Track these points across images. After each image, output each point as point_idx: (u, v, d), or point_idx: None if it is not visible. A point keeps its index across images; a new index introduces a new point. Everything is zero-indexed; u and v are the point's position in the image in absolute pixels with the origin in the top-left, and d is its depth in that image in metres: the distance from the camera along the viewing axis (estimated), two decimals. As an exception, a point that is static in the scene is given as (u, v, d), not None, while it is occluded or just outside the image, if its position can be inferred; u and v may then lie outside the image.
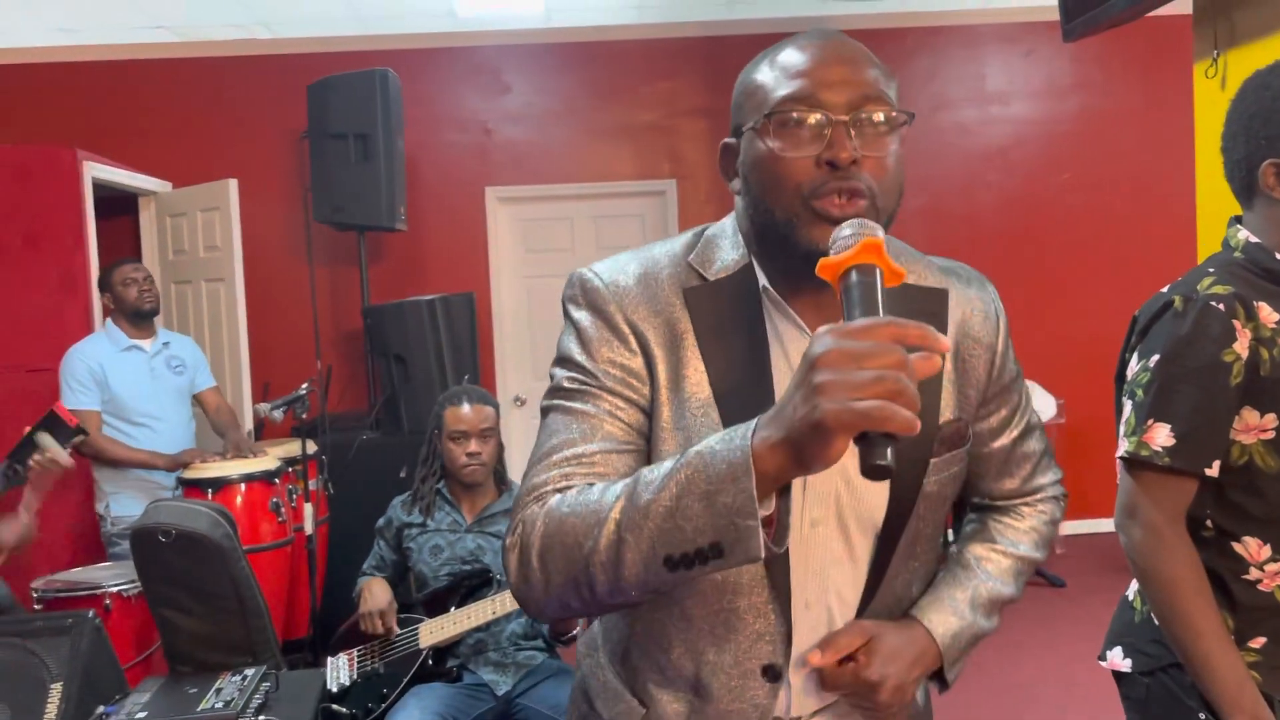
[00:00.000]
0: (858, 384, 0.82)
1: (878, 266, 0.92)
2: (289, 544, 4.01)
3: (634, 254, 1.21)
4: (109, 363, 3.91)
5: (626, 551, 0.96)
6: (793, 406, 0.87)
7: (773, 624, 1.15)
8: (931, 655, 1.20)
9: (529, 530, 1.05)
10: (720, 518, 0.91)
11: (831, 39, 1.11)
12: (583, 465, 1.09)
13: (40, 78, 5.63)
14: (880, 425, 0.82)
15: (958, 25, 5.95)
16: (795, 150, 1.07)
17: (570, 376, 1.14)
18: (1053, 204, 5.99)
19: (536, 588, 1.05)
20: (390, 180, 4.93)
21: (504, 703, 2.78)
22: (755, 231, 1.14)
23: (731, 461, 0.90)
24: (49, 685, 2.08)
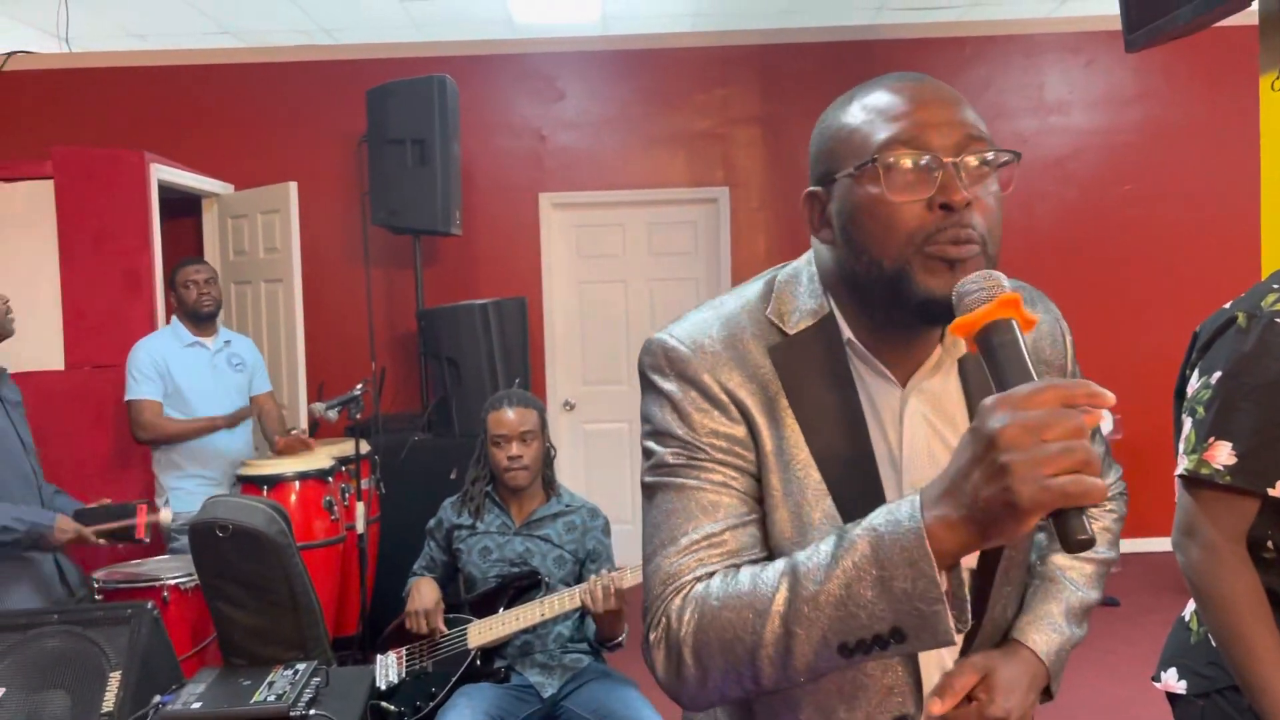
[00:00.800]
0: (1049, 459, 0.80)
1: (1015, 320, 0.90)
2: (341, 542, 4.07)
3: (711, 312, 1.16)
4: (172, 357, 4.01)
5: (796, 645, 0.95)
6: (974, 485, 0.84)
7: (901, 677, 1.13)
8: (1041, 675, 1.20)
9: (676, 626, 1.03)
10: (899, 603, 0.89)
11: (924, 81, 1.08)
12: (714, 547, 1.06)
13: (110, 81, 5.78)
14: (1078, 500, 0.81)
15: (1017, 35, 5.88)
16: (904, 195, 1.02)
17: (674, 452, 1.10)
18: (1112, 216, 5.89)
19: (691, 684, 1.03)
20: (446, 185, 4.99)
21: (550, 705, 2.80)
22: (852, 282, 1.09)
23: (905, 545, 0.88)
24: (108, 673, 2.13)
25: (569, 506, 3.04)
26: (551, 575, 2.92)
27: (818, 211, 1.12)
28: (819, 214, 1.12)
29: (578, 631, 2.94)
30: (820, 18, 5.78)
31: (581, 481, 5.74)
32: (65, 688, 2.13)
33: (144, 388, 3.93)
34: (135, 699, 2.10)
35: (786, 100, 5.85)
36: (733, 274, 5.82)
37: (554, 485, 3.09)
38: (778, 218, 5.88)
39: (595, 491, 3.52)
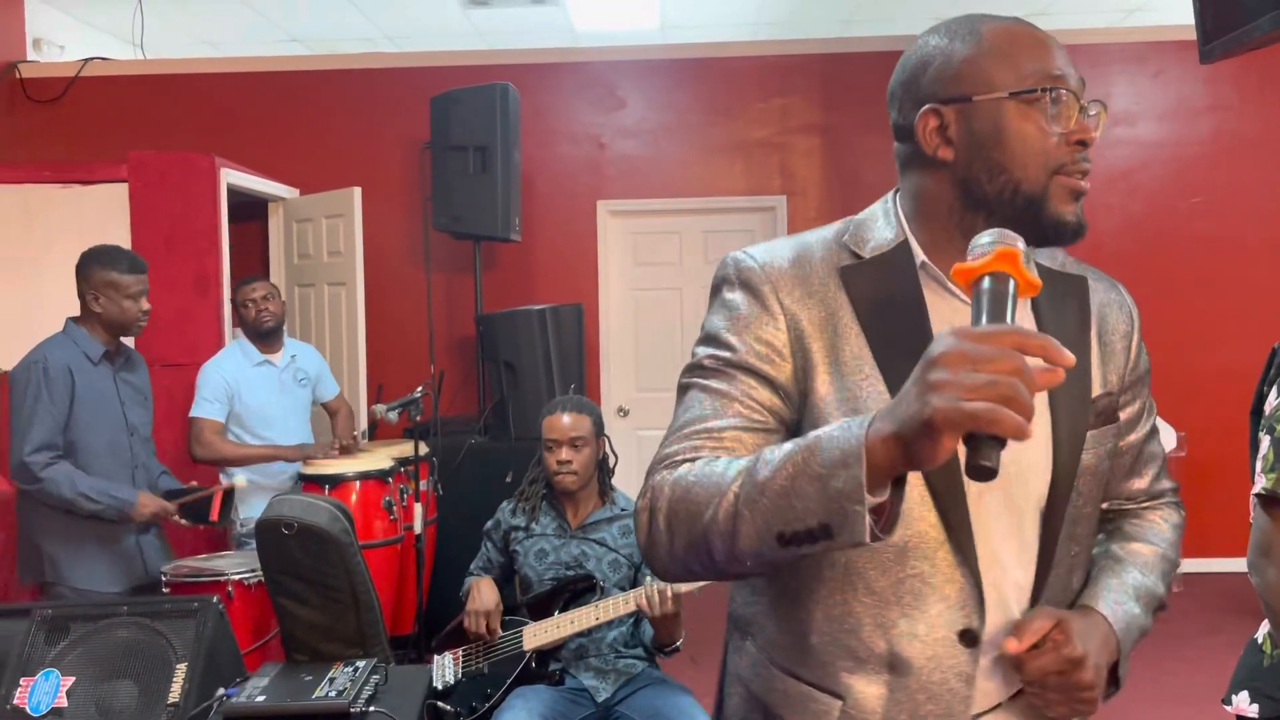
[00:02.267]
0: (971, 385, 0.84)
1: (1012, 276, 0.94)
2: (399, 542, 4.12)
3: (786, 240, 1.25)
4: (242, 378, 4.10)
5: (742, 524, 1.01)
6: (906, 402, 0.89)
7: (963, 588, 1.15)
8: (1111, 641, 1.18)
9: (658, 495, 1.11)
10: (831, 500, 0.94)
11: (1033, 25, 1.17)
12: (712, 439, 1.14)
13: (182, 87, 5.93)
14: (987, 427, 0.84)
15: (1082, 44, 5.79)
16: (1056, 126, 1.12)
17: (711, 355, 1.19)
18: (1179, 230, 5.78)
19: (661, 549, 1.11)
20: (507, 192, 5.04)
21: (604, 709, 2.81)
22: (977, 199, 1.15)
23: (845, 449, 0.93)
24: (174, 665, 2.18)
25: (625, 510, 3.06)
26: (606, 579, 2.93)
27: (935, 128, 1.16)
28: (937, 130, 1.16)
29: (632, 636, 2.95)
30: (882, 27, 5.75)
31: (634, 488, 5.73)
32: (133, 678, 2.17)
33: (208, 408, 4.02)
34: (200, 691, 2.15)
35: (846, 109, 5.82)
36: (790, 283, 5.79)
37: (610, 490, 3.11)
38: (836, 227, 5.85)
39: (649, 498, 3.51)
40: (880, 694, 1.16)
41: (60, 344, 3.25)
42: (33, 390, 3.14)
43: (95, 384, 3.27)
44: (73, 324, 3.31)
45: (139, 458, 3.40)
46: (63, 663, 2.17)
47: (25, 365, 3.19)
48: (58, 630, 2.22)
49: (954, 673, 1.15)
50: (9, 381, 3.22)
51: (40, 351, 3.21)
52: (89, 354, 3.26)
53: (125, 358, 3.43)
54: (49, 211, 4.64)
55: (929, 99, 1.16)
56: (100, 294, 3.26)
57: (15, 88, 5.82)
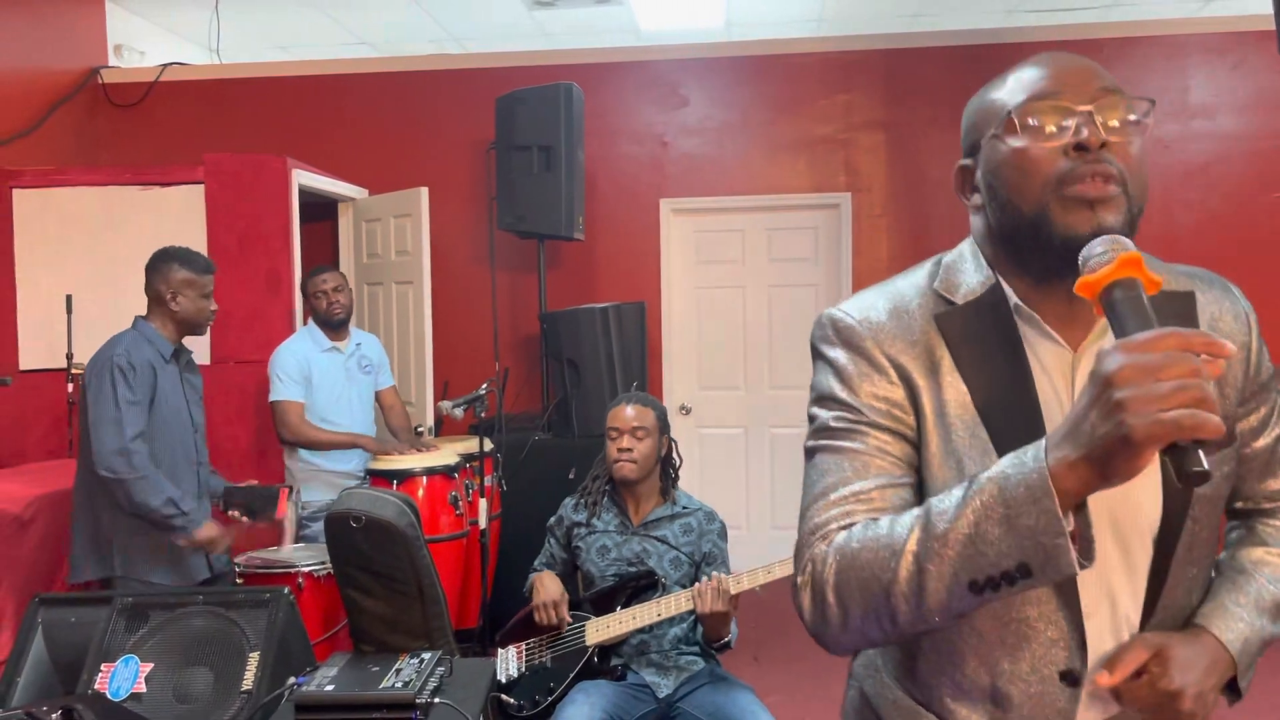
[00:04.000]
0: (1161, 395, 0.84)
1: (1138, 279, 0.94)
2: (464, 537, 4.18)
3: (878, 290, 1.24)
4: (314, 361, 4.20)
5: (928, 581, 1.00)
6: (1090, 424, 0.89)
7: (1065, 630, 1.15)
8: (1224, 664, 1.17)
9: (820, 569, 1.09)
10: (1024, 539, 0.93)
11: (1064, 53, 1.16)
12: (861, 502, 1.12)
13: (255, 90, 6.06)
14: (1193, 433, 0.84)
15: (1158, 35, 5.65)
16: (1042, 142, 1.10)
17: (836, 415, 1.17)
18: (1260, 225, 5.60)
19: (834, 624, 1.08)
20: (570, 191, 5.07)
21: (665, 705, 2.82)
22: (1003, 237, 1.16)
23: (1029, 484, 0.93)
24: (248, 654, 2.23)
25: (686, 509, 3.07)
26: (668, 576, 2.94)
27: (967, 181, 1.21)
28: (968, 183, 1.21)
29: (692, 633, 2.96)
30: (950, 21, 5.67)
31: (696, 486, 5.75)
32: (208, 665, 2.23)
33: (289, 389, 4.11)
34: (273, 679, 2.19)
35: (911, 105, 5.75)
36: (854, 281, 5.75)
37: (673, 489, 3.12)
38: (900, 224, 5.78)
39: (710, 496, 3.53)
40: None
41: (137, 341, 3.30)
42: (120, 380, 3.18)
43: (169, 382, 3.34)
44: (143, 322, 3.37)
45: (202, 454, 3.47)
46: (142, 650, 2.23)
47: (107, 359, 3.23)
48: (137, 618, 2.28)
49: (1054, 710, 1.17)
50: (87, 373, 3.27)
51: (122, 347, 3.25)
52: (163, 352, 3.33)
53: (187, 355, 3.50)
54: (129, 212, 4.78)
55: (964, 154, 1.21)
56: (179, 292, 3.33)
57: (97, 92, 6.02)
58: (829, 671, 4.44)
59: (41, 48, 5.55)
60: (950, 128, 5.67)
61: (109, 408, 3.17)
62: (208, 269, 3.39)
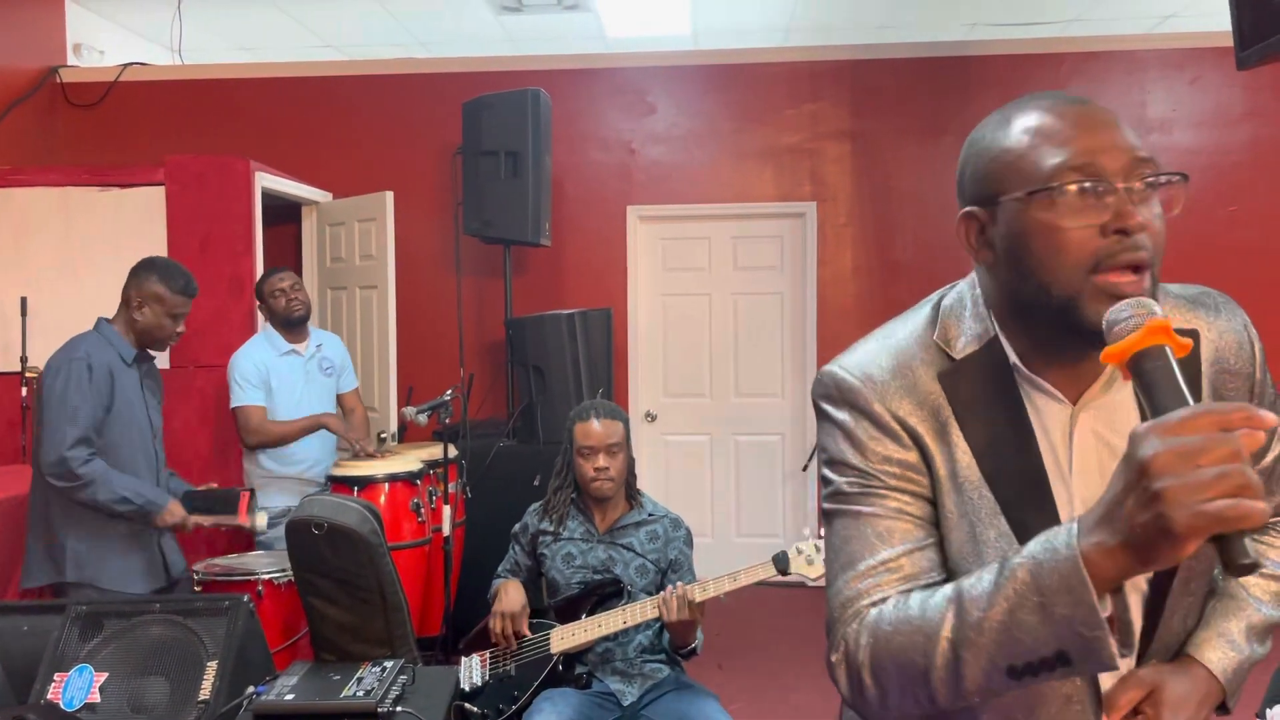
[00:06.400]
0: (1203, 484, 0.81)
1: (1167, 346, 0.91)
2: (427, 544, 4.15)
3: (878, 342, 1.20)
4: (271, 365, 4.14)
5: (965, 668, 0.99)
6: (1128, 512, 0.86)
7: (1079, 685, 1.14)
8: (1215, 693, 1.18)
9: (854, 649, 1.08)
10: (1061, 628, 0.91)
11: (1085, 103, 1.09)
12: (890, 572, 1.10)
13: (218, 92, 6.00)
14: (1237, 525, 0.80)
15: (1117, 51, 5.74)
16: (1078, 220, 1.03)
17: (849, 481, 1.15)
18: (1217, 239, 5.70)
19: (872, 702, 1.08)
20: (537, 197, 5.06)
21: (630, 713, 2.81)
22: (1018, 305, 1.11)
23: (1063, 573, 0.90)
24: (205, 663, 2.20)
25: (652, 516, 3.06)
26: (634, 584, 2.94)
27: (975, 232, 1.13)
28: (977, 235, 1.13)
29: (658, 641, 2.95)
30: (914, 33, 5.73)
31: (662, 493, 5.74)
32: (165, 675, 2.19)
33: (249, 394, 4.06)
34: (231, 688, 2.16)
35: (877, 116, 5.80)
36: (819, 289, 5.78)
37: (637, 495, 3.11)
38: (865, 233, 5.83)
39: (676, 503, 3.53)
40: None
41: (98, 343, 3.25)
42: (74, 386, 3.13)
43: (129, 385, 3.30)
44: (105, 323, 3.32)
45: (160, 458, 3.43)
46: (96, 659, 2.19)
47: (66, 360, 3.17)
48: (92, 627, 2.24)
49: None
50: (44, 374, 3.22)
51: (82, 349, 3.20)
52: (123, 355, 3.28)
53: (148, 360, 3.46)
54: (88, 214, 4.71)
55: (969, 201, 1.14)
56: (146, 303, 3.27)
57: (56, 92, 5.92)
58: (792, 679, 4.47)
59: (-2, 45, 5.46)
60: (915, 138, 5.73)
61: (54, 412, 3.13)
62: (184, 291, 3.31)
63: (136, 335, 3.31)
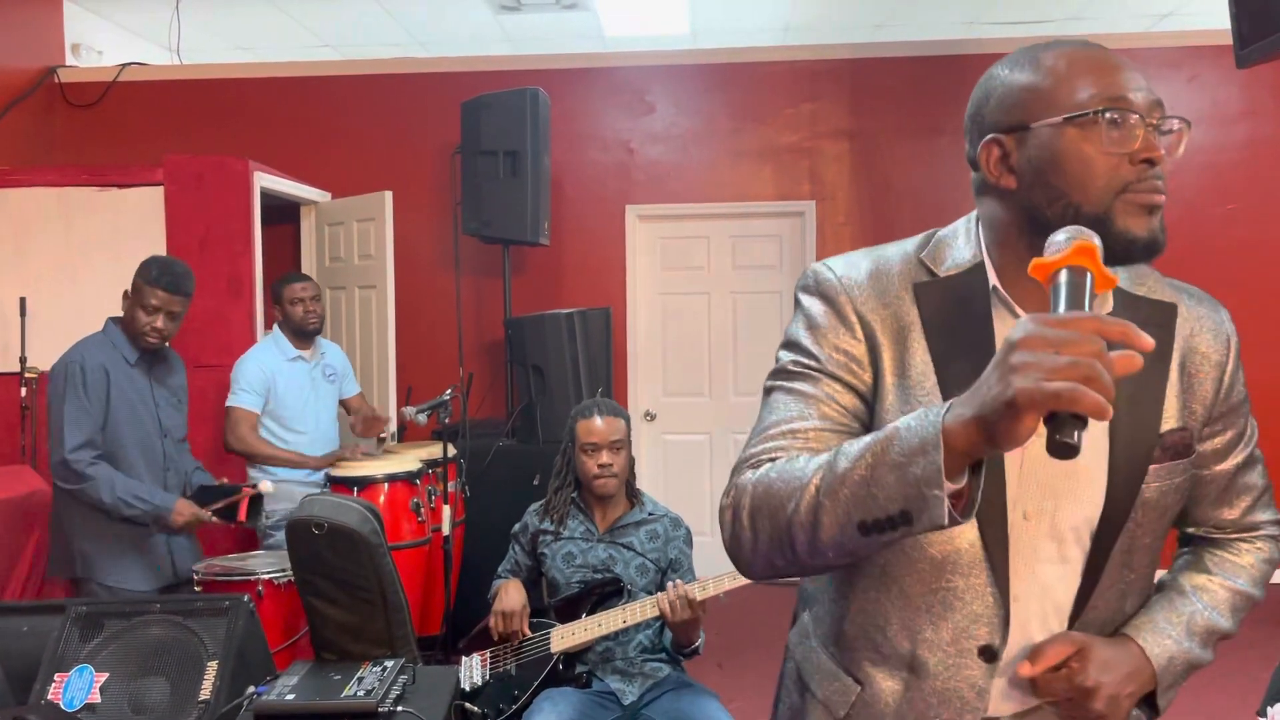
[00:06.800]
0: (1052, 366, 0.86)
1: (1089, 270, 0.97)
2: (426, 543, 4.15)
3: (866, 252, 1.28)
4: (278, 371, 4.15)
5: (824, 515, 1.04)
6: (987, 385, 0.92)
7: (990, 606, 1.19)
8: (1146, 675, 1.21)
9: (741, 493, 1.14)
10: (910, 487, 0.96)
11: (1102, 48, 1.19)
12: (796, 439, 1.17)
13: (217, 92, 5.99)
14: (1069, 406, 0.85)
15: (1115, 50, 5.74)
16: (1114, 147, 1.11)
17: (795, 360, 1.22)
18: (1215, 237, 5.71)
19: (745, 546, 1.14)
20: (536, 196, 5.06)
21: (630, 712, 2.81)
22: (1039, 222, 1.15)
23: (923, 436, 0.96)
24: (206, 663, 2.20)
25: (652, 515, 3.06)
26: (634, 583, 2.94)
27: (998, 158, 1.19)
28: (999, 160, 1.19)
29: (658, 640, 2.95)
30: (912, 32, 5.73)
31: (661, 492, 5.73)
32: (165, 675, 2.19)
33: (246, 398, 4.06)
34: (231, 689, 2.16)
35: (875, 114, 5.81)
36: (818, 288, 5.78)
37: (637, 494, 3.11)
38: (864, 232, 5.83)
39: (675, 502, 3.53)
40: (896, 689, 1.23)
41: (98, 344, 3.27)
42: (70, 389, 3.16)
43: (130, 385, 3.30)
44: (112, 324, 3.35)
45: (171, 460, 3.43)
46: (96, 659, 2.19)
47: (63, 364, 3.22)
48: (92, 627, 2.24)
49: (968, 684, 1.20)
50: (48, 378, 3.27)
51: (78, 351, 3.23)
52: (125, 355, 3.29)
53: (163, 359, 3.46)
54: (86, 214, 4.70)
55: (991, 129, 1.19)
56: (128, 296, 3.30)
57: (54, 92, 5.92)
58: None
59: (-4, 46, 5.45)
60: (913, 137, 5.74)
61: (55, 417, 3.18)
62: (159, 281, 3.24)
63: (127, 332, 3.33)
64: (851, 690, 1.26)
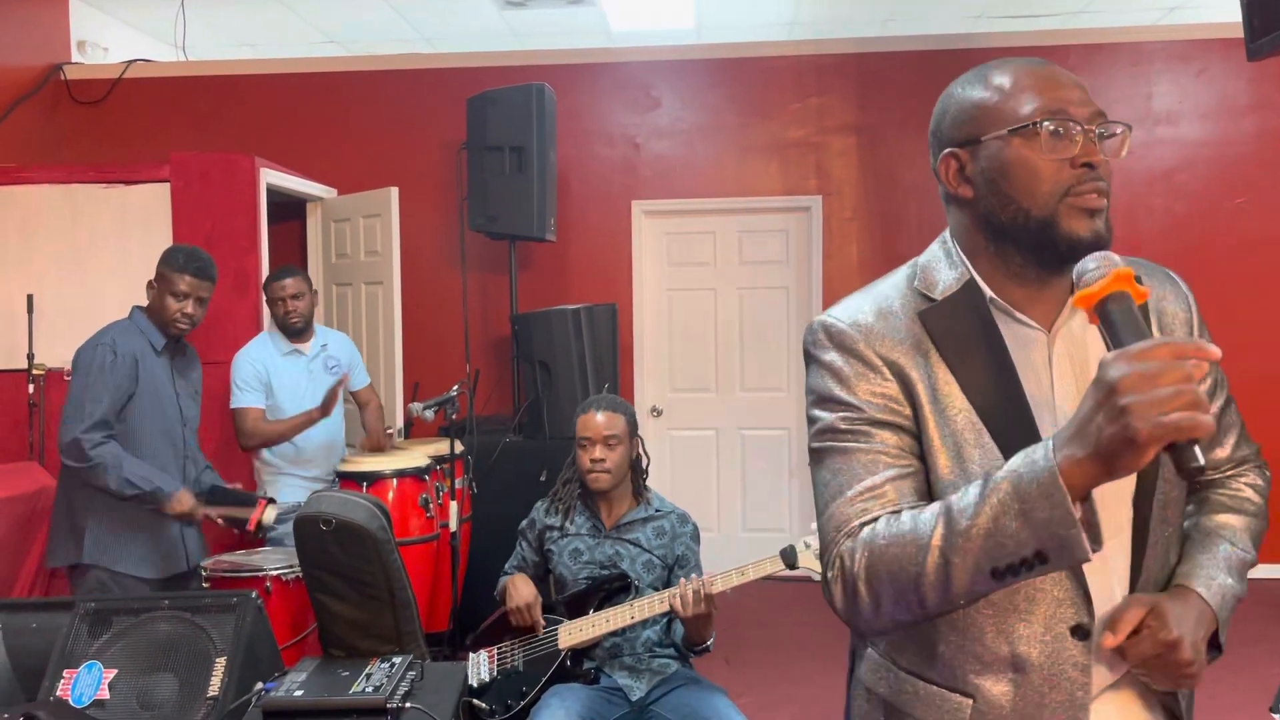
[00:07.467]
0: (1161, 400, 0.95)
1: (1129, 292, 1.06)
2: (434, 539, 4.15)
3: (862, 295, 1.36)
4: (273, 366, 4.14)
5: (954, 572, 1.11)
6: (1097, 426, 1.00)
7: (1070, 589, 1.25)
8: (1209, 617, 1.28)
9: (850, 563, 1.20)
10: (1040, 530, 1.04)
11: (1051, 64, 1.28)
12: (877, 498, 1.23)
13: (223, 88, 6.00)
14: (1190, 433, 0.95)
15: (1123, 43, 5.72)
16: (1053, 154, 1.22)
17: (840, 416, 1.27)
18: (1224, 231, 5.69)
19: (865, 613, 1.20)
20: (542, 192, 5.06)
21: (638, 708, 2.81)
22: (997, 230, 1.27)
23: (1041, 482, 1.03)
24: (214, 659, 2.20)
25: (659, 512, 3.06)
26: (640, 579, 2.94)
27: (955, 171, 1.30)
28: (957, 173, 1.30)
29: (665, 636, 2.95)
30: (919, 26, 5.71)
31: (668, 488, 5.74)
32: (174, 671, 2.20)
33: (247, 396, 4.07)
34: (239, 685, 2.16)
35: (882, 109, 5.79)
36: (824, 283, 5.77)
37: (644, 490, 3.11)
38: (871, 227, 5.82)
39: (681, 498, 3.53)
40: (1007, 690, 1.28)
41: (128, 330, 3.35)
42: (98, 369, 3.21)
43: (156, 373, 3.37)
44: (138, 311, 3.42)
45: (190, 449, 3.48)
46: (105, 655, 2.20)
47: (93, 345, 3.27)
48: (100, 623, 2.25)
49: (1071, 664, 1.26)
50: (74, 360, 3.31)
51: (109, 334, 3.30)
52: (153, 343, 3.37)
53: (182, 352, 3.53)
54: (93, 211, 4.71)
55: (949, 144, 1.30)
56: (155, 284, 3.38)
57: (60, 89, 5.92)
58: (800, 672, 4.46)
59: (2, 43, 5.46)
60: (920, 132, 5.69)
61: (77, 394, 3.22)
62: (186, 268, 3.35)
63: (150, 318, 3.39)
64: (965, 706, 1.30)
